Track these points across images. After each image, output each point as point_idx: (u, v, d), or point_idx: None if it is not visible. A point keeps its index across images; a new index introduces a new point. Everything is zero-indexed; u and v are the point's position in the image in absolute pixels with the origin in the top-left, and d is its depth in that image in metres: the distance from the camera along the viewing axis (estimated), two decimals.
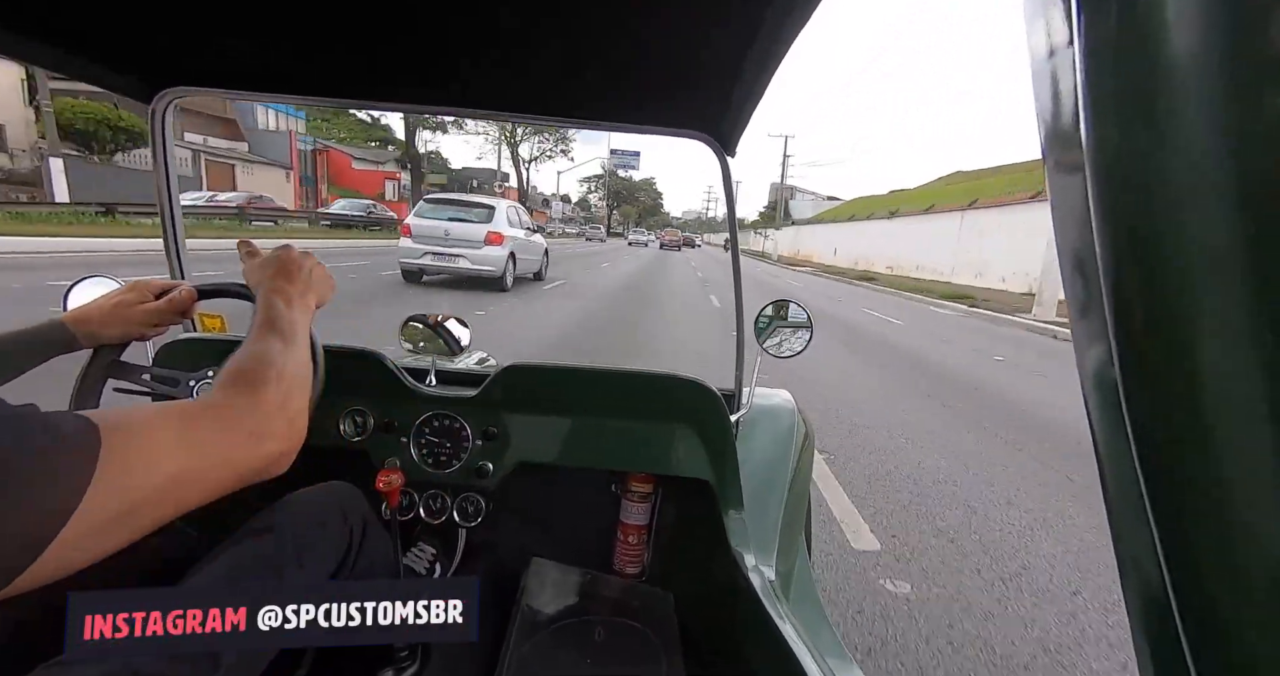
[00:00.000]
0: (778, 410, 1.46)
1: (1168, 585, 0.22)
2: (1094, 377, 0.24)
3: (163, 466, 0.44)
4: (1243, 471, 0.20)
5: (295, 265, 0.78)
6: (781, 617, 0.83)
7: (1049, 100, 0.24)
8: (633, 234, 62.70)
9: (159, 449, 0.44)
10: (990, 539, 2.49)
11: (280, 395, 0.56)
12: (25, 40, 0.87)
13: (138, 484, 0.42)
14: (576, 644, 1.06)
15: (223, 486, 0.49)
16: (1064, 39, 0.22)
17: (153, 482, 0.43)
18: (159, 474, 0.43)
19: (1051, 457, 3.55)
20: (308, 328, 0.72)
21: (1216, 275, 0.19)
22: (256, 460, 0.52)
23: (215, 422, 0.50)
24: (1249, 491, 0.20)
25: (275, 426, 0.54)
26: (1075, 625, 1.93)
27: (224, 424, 0.50)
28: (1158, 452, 0.22)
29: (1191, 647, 0.22)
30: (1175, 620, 0.22)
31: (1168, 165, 0.20)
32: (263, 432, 0.52)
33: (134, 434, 0.43)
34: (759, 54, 0.78)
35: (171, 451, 0.44)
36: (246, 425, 0.52)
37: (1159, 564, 0.22)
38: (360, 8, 0.77)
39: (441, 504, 1.19)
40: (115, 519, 0.41)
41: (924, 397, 4.94)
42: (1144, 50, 0.20)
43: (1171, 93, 0.19)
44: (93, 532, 0.40)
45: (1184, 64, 0.19)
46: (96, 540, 0.40)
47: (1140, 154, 0.20)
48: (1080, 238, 0.23)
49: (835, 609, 1.88)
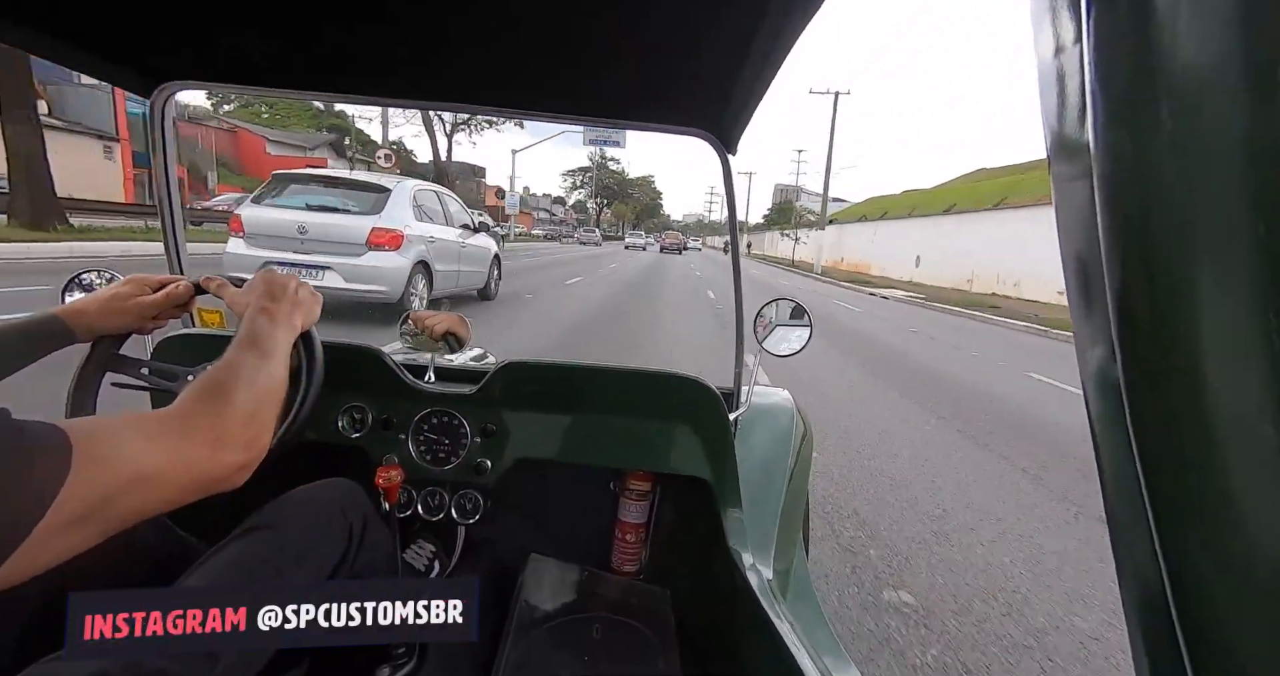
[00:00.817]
0: (776, 409, 1.46)
1: (1166, 586, 0.22)
2: (1096, 378, 0.24)
3: (127, 467, 0.45)
4: (1244, 473, 0.20)
5: (280, 286, 0.79)
6: (779, 616, 0.83)
7: (1055, 102, 0.24)
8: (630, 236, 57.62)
9: (123, 451, 0.45)
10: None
11: (247, 408, 0.57)
12: (26, 31, 0.86)
13: (103, 484, 0.43)
14: (574, 642, 1.07)
15: (184, 492, 0.50)
16: (1072, 40, 0.22)
17: (117, 482, 0.44)
18: (123, 474, 0.45)
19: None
20: (289, 346, 0.73)
21: (1223, 278, 0.19)
22: (215, 469, 0.53)
23: (178, 429, 0.51)
24: (1250, 493, 0.20)
25: (237, 438, 0.55)
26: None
27: (186, 431, 0.52)
28: (1159, 453, 0.22)
29: (1188, 648, 0.22)
30: (1173, 620, 0.22)
31: (1176, 168, 0.20)
32: (224, 443, 0.53)
33: (100, 439, 0.44)
34: (761, 51, 0.78)
35: (135, 453, 0.46)
36: (208, 435, 0.53)
37: (1158, 565, 0.22)
38: (357, 3, 0.77)
39: (440, 501, 1.19)
40: (82, 518, 0.42)
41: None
42: (1154, 52, 0.20)
43: (1182, 95, 0.19)
44: (61, 531, 0.41)
45: (1195, 66, 0.19)
46: (64, 539, 0.42)
47: (1149, 157, 0.20)
48: (1084, 240, 0.23)
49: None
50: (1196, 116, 0.19)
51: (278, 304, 0.76)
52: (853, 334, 8.90)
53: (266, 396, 0.61)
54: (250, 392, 0.59)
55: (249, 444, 0.56)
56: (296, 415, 0.91)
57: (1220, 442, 0.20)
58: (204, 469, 0.52)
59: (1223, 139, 0.19)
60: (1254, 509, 0.20)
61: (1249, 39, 0.18)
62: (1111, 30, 0.21)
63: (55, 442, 0.41)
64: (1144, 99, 0.20)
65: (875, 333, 9.40)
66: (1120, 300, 0.22)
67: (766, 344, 1.35)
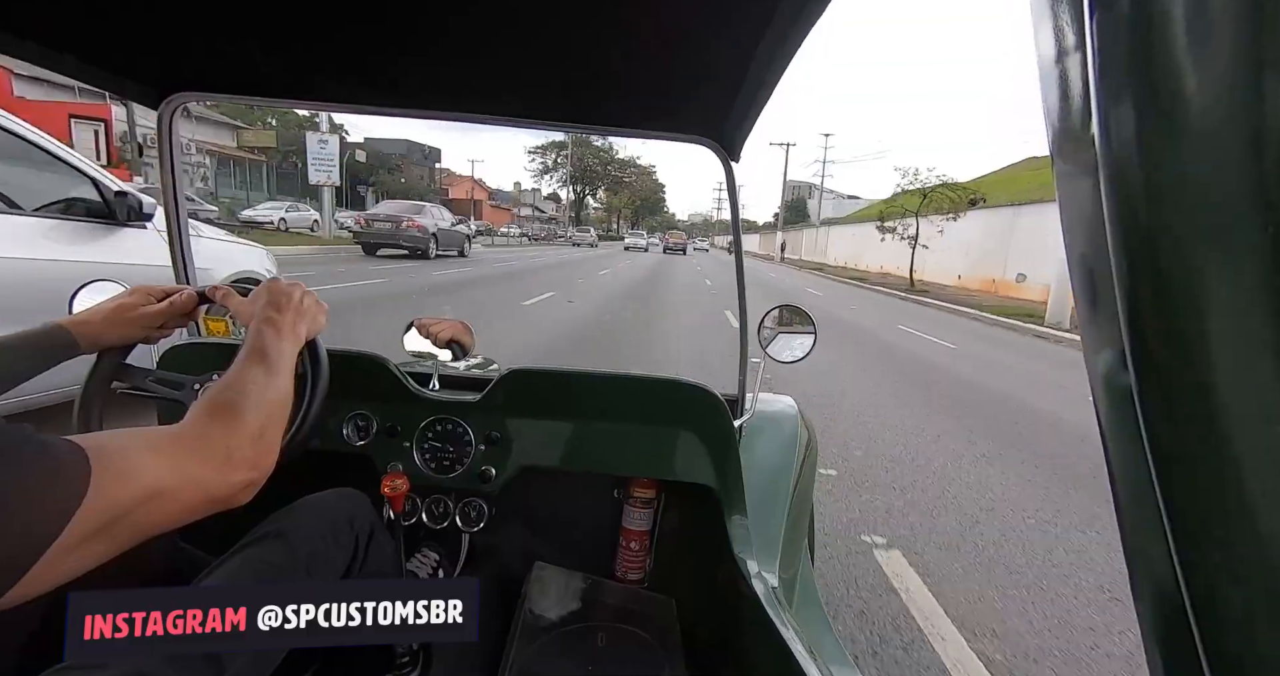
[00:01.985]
0: (781, 416, 1.45)
1: (1181, 586, 0.22)
2: (1105, 381, 0.24)
3: (140, 482, 0.46)
4: (1258, 474, 0.20)
5: (285, 295, 0.79)
6: (784, 624, 0.82)
7: (1058, 99, 0.24)
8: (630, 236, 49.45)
9: (138, 468, 0.46)
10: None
11: (256, 426, 0.58)
12: (35, 45, 0.88)
13: (118, 501, 0.44)
14: (578, 650, 1.06)
15: (192, 509, 0.51)
16: (1075, 37, 0.22)
17: (132, 497, 0.45)
18: (138, 491, 0.45)
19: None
20: (294, 358, 0.73)
21: (1233, 278, 0.19)
22: (224, 487, 0.53)
23: (190, 448, 0.52)
24: (1265, 494, 0.20)
25: (246, 456, 0.55)
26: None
27: (198, 450, 0.52)
28: (1172, 455, 0.22)
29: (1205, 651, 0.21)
30: (1190, 624, 0.22)
31: (1185, 166, 0.20)
32: (234, 461, 0.54)
33: (116, 456, 0.45)
34: (764, 58, 0.78)
35: (148, 469, 0.47)
36: (219, 453, 0.53)
37: (1173, 568, 0.22)
38: (363, 14, 0.78)
39: (444, 509, 1.18)
40: (95, 534, 0.43)
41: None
42: (1160, 48, 0.20)
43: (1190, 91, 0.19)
44: (75, 548, 0.41)
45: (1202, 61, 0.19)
46: (77, 555, 0.42)
47: (1156, 154, 0.20)
48: (1091, 240, 0.23)
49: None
50: (1203, 114, 0.19)
51: (283, 315, 0.76)
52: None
53: (274, 414, 0.62)
54: (259, 411, 0.59)
55: (256, 463, 0.56)
56: (302, 423, 0.91)
57: (1233, 443, 0.20)
58: (213, 487, 0.52)
59: (1230, 136, 0.18)
60: (1268, 510, 0.20)
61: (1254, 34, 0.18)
62: (1114, 26, 0.21)
63: (75, 459, 0.42)
64: (1148, 96, 0.20)
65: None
66: (1129, 301, 0.22)
67: (771, 350, 1.34)
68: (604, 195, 70.77)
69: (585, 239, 41.85)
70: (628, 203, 68.98)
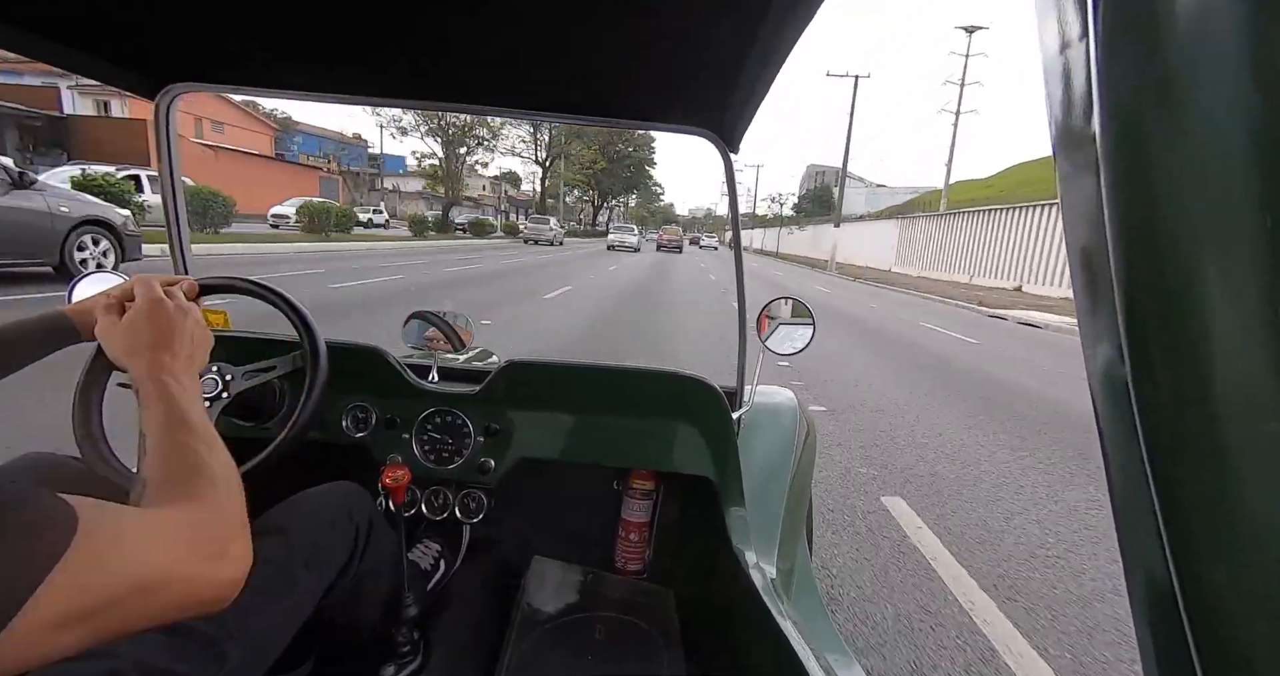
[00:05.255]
0: (779, 408, 1.45)
1: (1174, 580, 0.22)
2: (1103, 374, 0.24)
3: (128, 567, 0.40)
4: (1253, 469, 0.20)
5: (173, 329, 0.65)
6: (783, 615, 0.82)
7: (1061, 94, 0.24)
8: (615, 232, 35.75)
9: (127, 544, 0.40)
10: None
11: (227, 512, 0.50)
12: (31, 36, 0.87)
13: (100, 581, 0.38)
14: (577, 641, 1.06)
15: (168, 611, 0.43)
16: (1077, 32, 0.22)
17: (115, 581, 0.39)
18: (124, 575, 0.39)
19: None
20: (203, 407, 0.61)
21: (1231, 272, 0.19)
22: (210, 587, 0.45)
23: (182, 532, 0.45)
24: (1259, 488, 0.20)
25: (228, 549, 0.47)
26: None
27: (184, 535, 0.45)
28: (1167, 449, 0.22)
29: (1196, 643, 0.22)
30: (1181, 616, 0.22)
31: (1184, 161, 0.20)
32: (224, 552, 0.47)
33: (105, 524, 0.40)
34: (763, 49, 0.77)
35: (138, 551, 0.41)
36: (212, 546, 0.46)
37: (1165, 561, 0.22)
38: (363, 5, 0.77)
39: (444, 500, 1.19)
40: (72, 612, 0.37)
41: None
42: (1163, 43, 0.19)
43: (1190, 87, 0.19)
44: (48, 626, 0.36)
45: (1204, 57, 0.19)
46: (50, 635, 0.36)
47: (1156, 150, 0.20)
48: (1091, 235, 0.23)
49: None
50: (1204, 109, 0.19)
51: (176, 357, 0.62)
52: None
53: (233, 494, 0.52)
54: (225, 494, 0.51)
55: (239, 555, 0.48)
56: (300, 415, 0.91)
57: (1229, 438, 0.20)
58: (204, 583, 0.45)
59: (1231, 132, 0.18)
60: (1263, 505, 0.20)
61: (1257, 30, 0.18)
62: (1118, 22, 0.21)
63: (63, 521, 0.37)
64: (1150, 91, 0.20)
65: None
66: (1128, 295, 0.22)
67: (770, 343, 1.35)
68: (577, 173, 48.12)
69: (543, 233, 29.55)
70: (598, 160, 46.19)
